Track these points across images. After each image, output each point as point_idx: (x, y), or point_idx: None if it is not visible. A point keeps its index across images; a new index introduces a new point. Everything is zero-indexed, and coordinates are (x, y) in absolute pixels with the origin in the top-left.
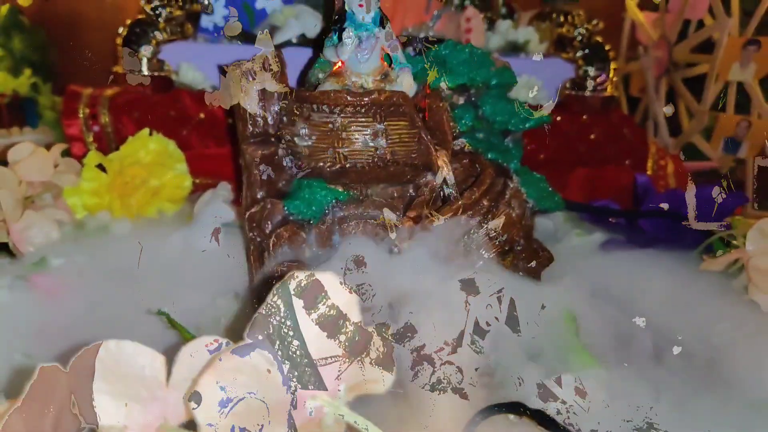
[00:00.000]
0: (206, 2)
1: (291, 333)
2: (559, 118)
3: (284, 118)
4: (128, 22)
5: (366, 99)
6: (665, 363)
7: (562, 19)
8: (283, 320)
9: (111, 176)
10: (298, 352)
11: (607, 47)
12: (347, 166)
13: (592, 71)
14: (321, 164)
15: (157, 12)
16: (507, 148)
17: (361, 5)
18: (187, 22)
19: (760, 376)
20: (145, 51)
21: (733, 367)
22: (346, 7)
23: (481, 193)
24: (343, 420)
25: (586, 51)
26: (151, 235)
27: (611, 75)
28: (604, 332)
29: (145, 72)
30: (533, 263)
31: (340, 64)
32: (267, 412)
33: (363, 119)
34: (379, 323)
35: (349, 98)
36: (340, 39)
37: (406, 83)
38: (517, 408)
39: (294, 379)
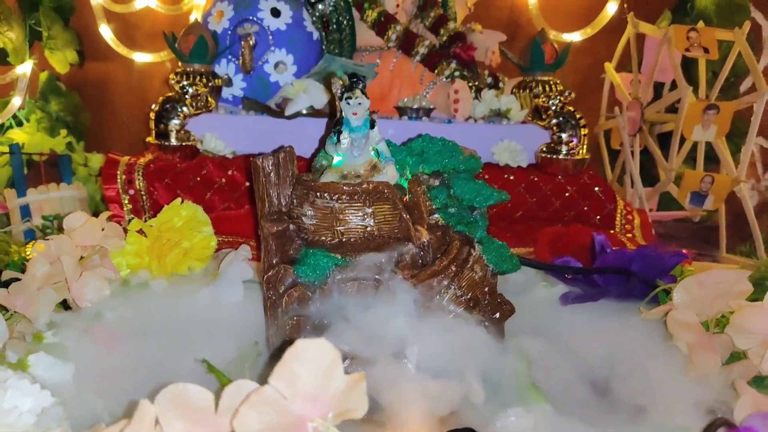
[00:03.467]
0: (226, 77)
1: (299, 379)
2: (536, 179)
3: (294, 201)
4: (160, 99)
5: (358, 188)
6: (602, 398)
7: (540, 89)
8: (294, 372)
9: (150, 240)
10: (301, 392)
11: (578, 115)
12: (344, 240)
13: (565, 137)
14: (323, 238)
15: (185, 90)
16: (474, 220)
17: (354, 114)
18: (210, 96)
19: (673, 407)
20: (174, 124)
21: (654, 399)
22: (343, 115)
23: (449, 260)
24: None
25: (560, 119)
26: (183, 290)
27: (582, 140)
28: (553, 372)
29: (174, 142)
30: (497, 315)
31: (338, 157)
32: (281, 431)
33: (356, 204)
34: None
35: (344, 188)
36: (338, 139)
37: (390, 174)
38: None
39: (299, 409)
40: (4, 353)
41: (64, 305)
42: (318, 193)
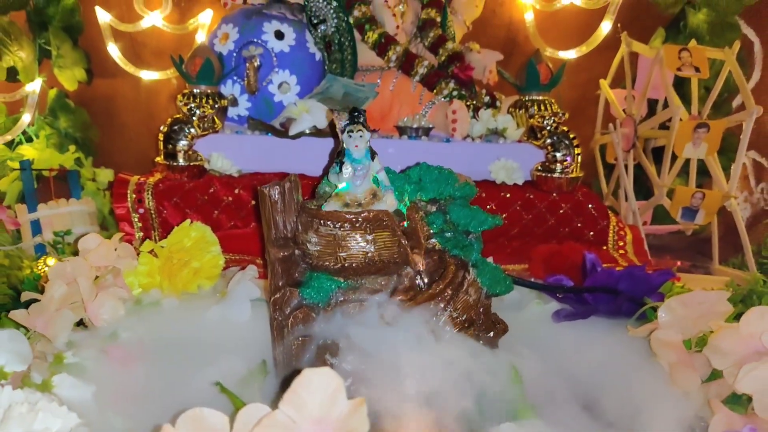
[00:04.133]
0: (231, 97)
1: (306, 405)
2: (531, 196)
3: (300, 228)
4: (168, 120)
5: (359, 217)
6: (589, 413)
7: (535, 109)
8: (301, 398)
9: (161, 261)
10: (309, 416)
11: (571, 135)
12: (346, 265)
13: (559, 156)
14: (326, 263)
15: (192, 111)
16: (470, 243)
17: (356, 146)
18: (216, 117)
19: (655, 423)
20: (182, 145)
21: (638, 415)
22: (345, 146)
23: (445, 284)
24: None
25: (554, 138)
26: (193, 309)
27: (576, 159)
28: (543, 387)
29: (182, 162)
30: (491, 333)
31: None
32: None
33: (357, 232)
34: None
35: (347, 216)
36: (340, 169)
37: (389, 202)
38: None
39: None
40: (29, 374)
41: (83, 325)
42: (322, 221)
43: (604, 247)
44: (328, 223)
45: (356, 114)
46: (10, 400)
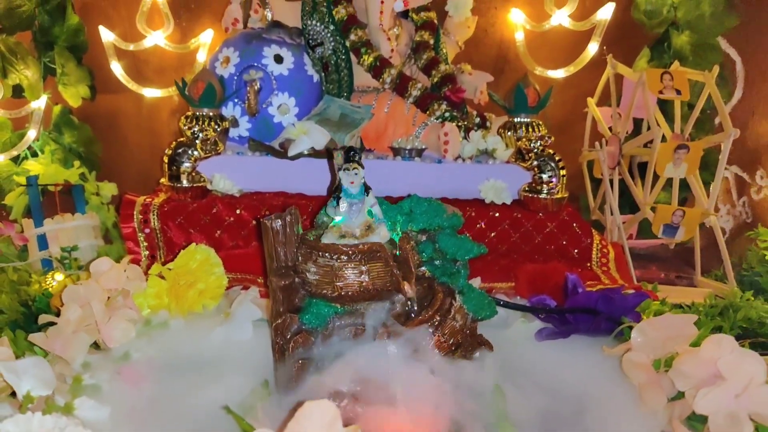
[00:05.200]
0: (232, 118)
1: (306, 431)
2: (519, 216)
3: (299, 258)
4: (173, 144)
5: (355, 249)
6: (567, 427)
7: (523, 131)
8: (303, 427)
9: (169, 283)
10: None
11: (557, 158)
12: (342, 293)
13: (545, 177)
14: (324, 291)
15: (195, 135)
16: (457, 270)
17: (352, 182)
18: (218, 139)
19: None
20: (186, 167)
21: (605, 428)
22: (342, 183)
23: (433, 311)
24: None
25: (541, 161)
26: (199, 329)
27: (561, 180)
28: (524, 404)
29: (185, 184)
30: (477, 354)
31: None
32: None
33: (353, 263)
34: None
35: (343, 248)
36: (337, 203)
37: (382, 234)
38: None
39: None
40: (53, 397)
41: (96, 346)
42: (320, 253)
43: (588, 264)
44: (326, 254)
45: (352, 153)
46: (40, 426)
